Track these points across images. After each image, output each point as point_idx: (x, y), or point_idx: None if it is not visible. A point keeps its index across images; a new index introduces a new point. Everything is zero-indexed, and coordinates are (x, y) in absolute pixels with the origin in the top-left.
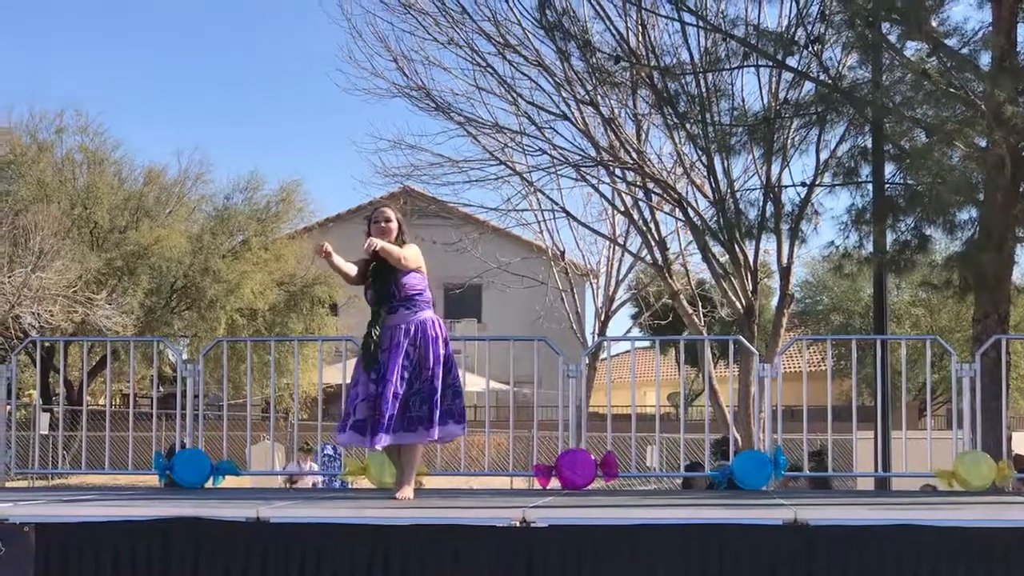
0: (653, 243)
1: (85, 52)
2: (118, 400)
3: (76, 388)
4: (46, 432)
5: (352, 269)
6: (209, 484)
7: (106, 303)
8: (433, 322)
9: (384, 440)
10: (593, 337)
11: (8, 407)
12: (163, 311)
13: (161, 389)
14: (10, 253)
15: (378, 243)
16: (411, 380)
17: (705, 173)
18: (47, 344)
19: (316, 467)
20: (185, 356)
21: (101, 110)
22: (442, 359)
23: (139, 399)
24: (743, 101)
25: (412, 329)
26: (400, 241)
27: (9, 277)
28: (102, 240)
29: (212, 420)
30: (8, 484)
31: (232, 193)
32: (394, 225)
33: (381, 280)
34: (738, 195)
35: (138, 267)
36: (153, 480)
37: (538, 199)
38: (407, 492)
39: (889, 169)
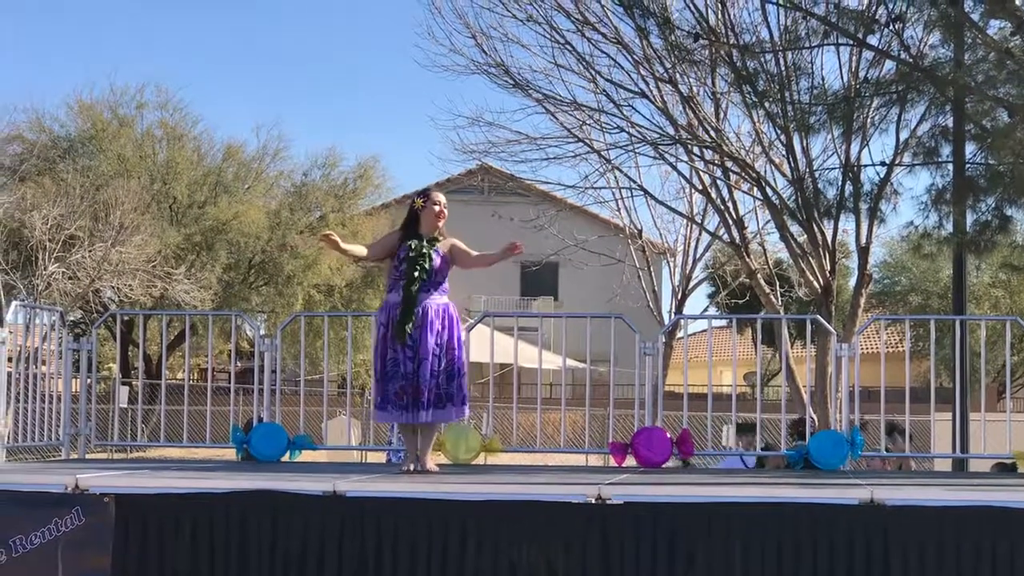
0: (731, 222)
1: (166, 27)
2: (196, 374)
3: (155, 362)
4: (125, 405)
5: (361, 250)
6: (285, 458)
7: (185, 278)
8: (454, 306)
9: (425, 416)
10: (670, 315)
11: (88, 380)
12: (241, 286)
13: (239, 363)
14: (91, 227)
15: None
16: (441, 358)
17: (784, 152)
18: (126, 318)
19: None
20: (263, 331)
21: (181, 86)
22: (462, 343)
23: (217, 373)
24: (823, 80)
25: (440, 311)
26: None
27: (90, 251)
28: (181, 215)
29: (289, 395)
30: (88, 455)
31: (310, 169)
32: (447, 212)
33: (424, 261)
34: (817, 174)
35: (216, 242)
36: (230, 453)
37: (616, 177)
38: (432, 466)
39: (970, 149)
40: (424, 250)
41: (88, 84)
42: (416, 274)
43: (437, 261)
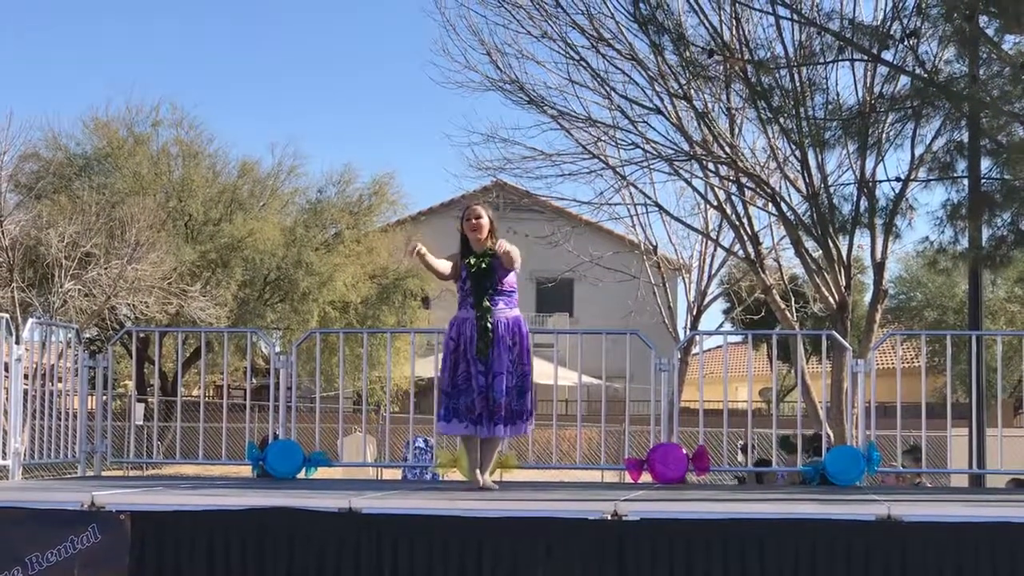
0: (746, 238)
1: (181, 46)
2: (212, 391)
3: (170, 379)
4: (141, 422)
5: (444, 266)
6: (301, 475)
7: (200, 295)
8: (524, 320)
9: (501, 431)
10: (685, 332)
11: (104, 397)
12: (256, 303)
13: (254, 381)
14: (106, 245)
15: (507, 245)
16: (513, 374)
17: (799, 167)
18: (142, 335)
19: None
20: (278, 348)
21: (196, 103)
22: (531, 356)
23: (232, 390)
24: (838, 95)
25: (511, 324)
26: (494, 238)
27: (106, 268)
28: (196, 232)
29: (304, 412)
30: (104, 473)
31: (325, 186)
32: (485, 222)
33: (484, 275)
34: (832, 190)
35: (232, 259)
36: (246, 471)
37: (631, 193)
38: (490, 480)
39: (985, 164)
40: (484, 266)
41: (104, 102)
42: (482, 291)
43: (499, 272)
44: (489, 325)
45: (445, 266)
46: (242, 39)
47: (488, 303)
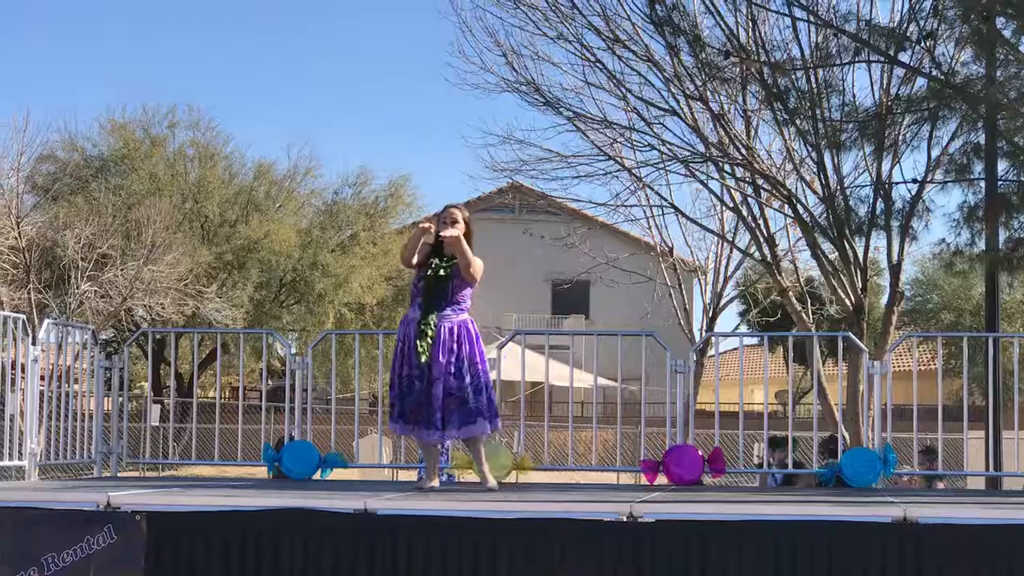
0: (762, 239)
1: (197, 48)
2: (227, 392)
3: (186, 380)
4: (157, 423)
5: (421, 253)
6: (317, 476)
7: (216, 296)
8: (472, 322)
9: (436, 436)
10: (701, 333)
11: (120, 398)
12: (272, 305)
13: (270, 382)
14: (123, 246)
15: (457, 232)
16: (462, 375)
17: (815, 169)
18: (158, 336)
19: None
20: (294, 349)
21: (213, 104)
22: (485, 357)
23: (248, 392)
24: (854, 97)
25: (456, 328)
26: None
27: (122, 270)
28: (212, 234)
29: (320, 413)
30: (120, 474)
31: (341, 188)
32: (461, 226)
33: (440, 281)
34: (848, 191)
35: (248, 261)
36: (262, 472)
37: (647, 195)
38: (493, 482)
39: (1002, 166)
40: (442, 273)
41: (120, 104)
42: (431, 297)
43: (455, 280)
44: (431, 331)
45: (421, 254)
46: (255, 43)
47: (433, 311)
